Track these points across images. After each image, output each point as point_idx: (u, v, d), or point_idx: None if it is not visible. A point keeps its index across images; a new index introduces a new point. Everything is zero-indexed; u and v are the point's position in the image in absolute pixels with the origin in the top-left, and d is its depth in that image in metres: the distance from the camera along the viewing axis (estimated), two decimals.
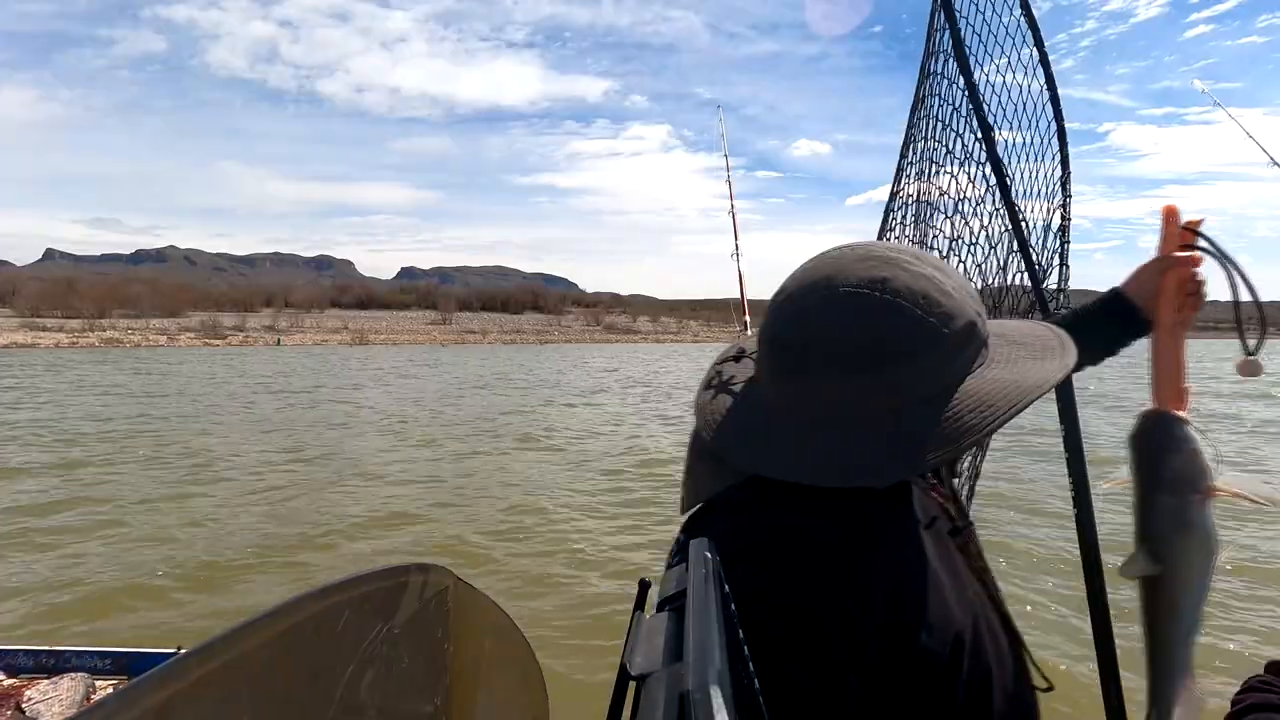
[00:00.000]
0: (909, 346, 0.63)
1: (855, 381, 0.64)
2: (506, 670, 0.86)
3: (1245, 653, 4.02)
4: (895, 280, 0.64)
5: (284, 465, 9.14)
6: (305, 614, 0.60)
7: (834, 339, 0.64)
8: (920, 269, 0.66)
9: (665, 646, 0.36)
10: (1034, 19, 1.43)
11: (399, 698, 0.72)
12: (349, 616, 0.67)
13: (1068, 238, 1.43)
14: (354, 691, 0.64)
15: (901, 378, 0.64)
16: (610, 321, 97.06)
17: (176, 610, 4.61)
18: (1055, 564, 5.39)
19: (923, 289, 0.64)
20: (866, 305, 0.64)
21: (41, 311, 67.27)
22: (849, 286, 0.65)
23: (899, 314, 0.63)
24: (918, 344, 0.63)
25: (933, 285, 0.65)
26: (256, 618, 0.51)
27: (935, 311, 0.64)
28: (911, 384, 0.64)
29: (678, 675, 0.32)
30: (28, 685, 2.34)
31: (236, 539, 6.07)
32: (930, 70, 1.56)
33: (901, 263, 0.66)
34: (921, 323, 0.63)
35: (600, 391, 20.06)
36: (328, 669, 0.62)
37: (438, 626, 0.76)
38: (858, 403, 0.65)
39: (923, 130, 1.66)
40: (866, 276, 0.65)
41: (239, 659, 0.50)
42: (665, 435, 12.27)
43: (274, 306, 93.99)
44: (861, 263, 0.66)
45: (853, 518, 0.66)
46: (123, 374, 22.79)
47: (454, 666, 0.78)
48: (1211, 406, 15.18)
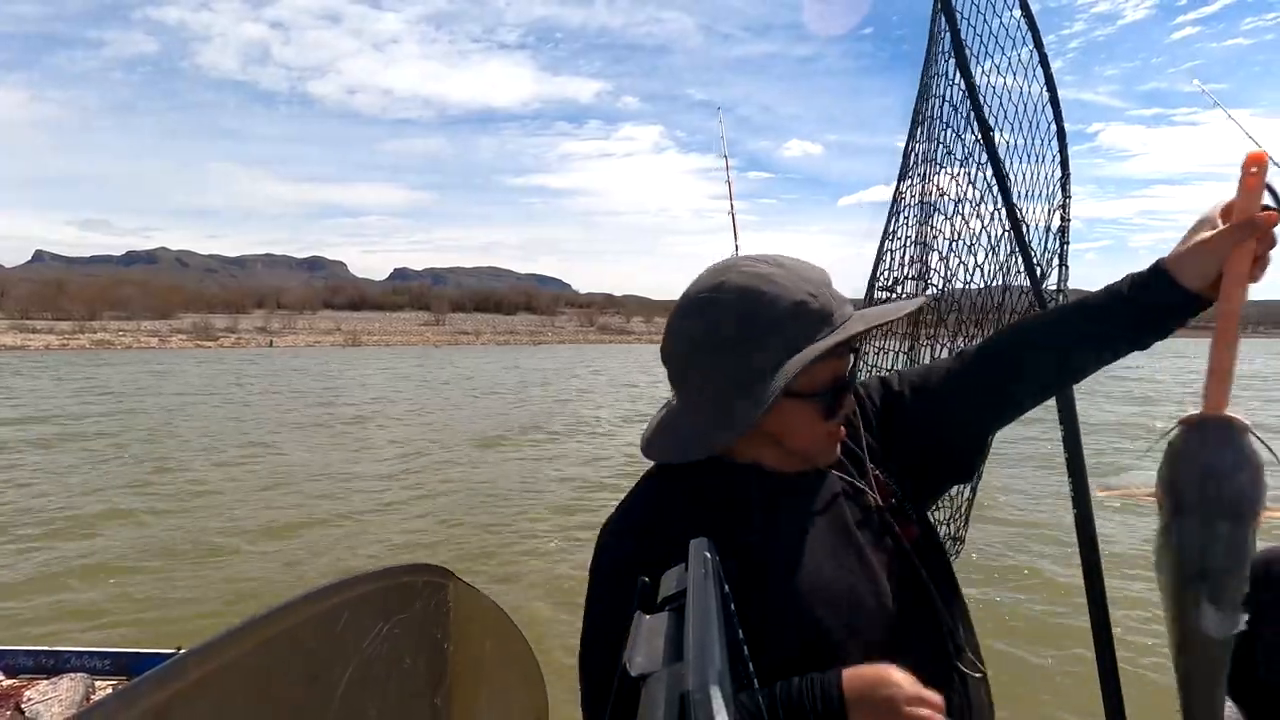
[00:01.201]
0: (733, 331, 0.77)
1: (699, 368, 0.80)
2: (506, 670, 0.86)
3: None
4: (729, 281, 0.78)
5: (279, 466, 9.14)
6: (305, 614, 0.60)
7: (682, 338, 0.80)
8: (755, 269, 0.79)
9: (665, 646, 0.36)
10: (1034, 20, 1.43)
11: (399, 698, 0.72)
12: (349, 617, 0.67)
13: (1067, 238, 1.43)
14: (354, 691, 0.64)
15: (727, 360, 0.77)
16: (604, 322, 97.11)
17: (174, 611, 4.61)
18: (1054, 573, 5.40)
19: (749, 284, 0.77)
20: (699, 306, 0.79)
21: (31, 313, 66.82)
22: (691, 293, 0.81)
23: (718, 307, 0.78)
24: (743, 328, 0.76)
25: (761, 279, 0.77)
26: (256, 618, 0.51)
27: (761, 300, 0.77)
28: (736, 364, 0.77)
29: (678, 675, 0.32)
30: (27, 686, 2.34)
31: (234, 540, 6.07)
32: (932, 70, 1.56)
33: (740, 266, 0.80)
34: (739, 312, 0.77)
35: (590, 392, 20.05)
36: (328, 669, 0.62)
37: (438, 626, 0.77)
38: (700, 387, 0.80)
39: (925, 130, 1.66)
40: (709, 283, 0.80)
41: (239, 659, 0.50)
42: None
43: (266, 308, 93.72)
44: (709, 274, 0.82)
45: (703, 488, 0.81)
46: (118, 374, 22.78)
47: (454, 666, 0.78)
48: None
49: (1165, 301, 0.78)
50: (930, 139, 1.62)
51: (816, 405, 0.80)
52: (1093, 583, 1.24)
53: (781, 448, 0.82)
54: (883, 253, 1.84)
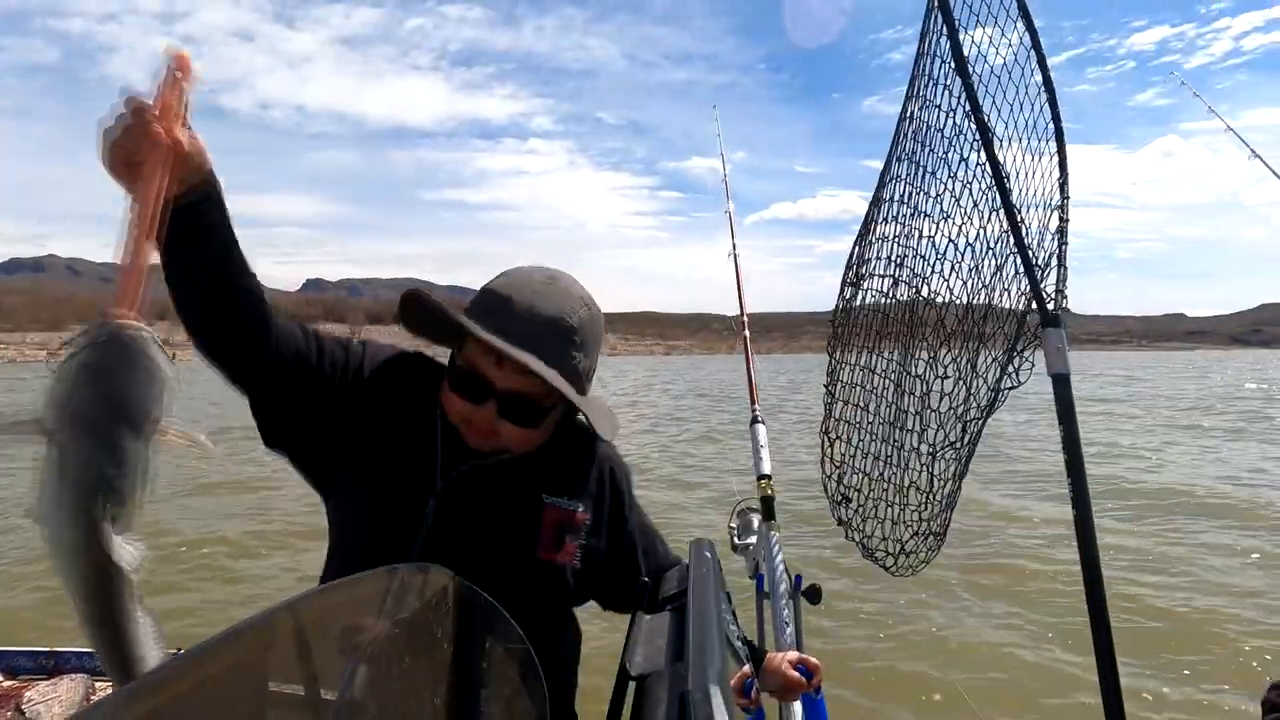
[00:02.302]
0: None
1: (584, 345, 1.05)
2: (506, 670, 0.86)
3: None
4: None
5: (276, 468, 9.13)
6: (305, 615, 0.60)
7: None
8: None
9: (666, 646, 0.36)
10: (1031, 21, 1.43)
11: (399, 698, 0.72)
12: (348, 617, 0.67)
13: (1065, 239, 1.43)
14: (353, 692, 0.64)
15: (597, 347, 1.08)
16: None
17: (172, 611, 4.60)
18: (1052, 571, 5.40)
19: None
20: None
21: None
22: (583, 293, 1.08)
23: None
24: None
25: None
26: (255, 619, 0.51)
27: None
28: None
29: (678, 675, 0.32)
30: (27, 686, 2.34)
31: (232, 540, 6.06)
32: (923, 73, 1.56)
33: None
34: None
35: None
36: (327, 670, 0.62)
37: (437, 626, 0.77)
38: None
39: (910, 133, 1.66)
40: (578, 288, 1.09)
41: (238, 660, 0.51)
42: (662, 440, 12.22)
43: (169, 319, 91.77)
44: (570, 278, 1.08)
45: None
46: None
47: (454, 666, 0.78)
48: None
49: None
50: (920, 142, 1.61)
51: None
52: (1092, 584, 1.24)
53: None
54: (854, 253, 1.85)
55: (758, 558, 1.99)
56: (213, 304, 0.92)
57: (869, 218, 1.82)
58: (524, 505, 1.05)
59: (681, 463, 10.68)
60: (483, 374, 0.99)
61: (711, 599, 0.37)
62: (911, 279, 1.68)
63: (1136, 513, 6.96)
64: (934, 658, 4.03)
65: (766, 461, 2.17)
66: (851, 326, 1.87)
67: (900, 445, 1.75)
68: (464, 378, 1.01)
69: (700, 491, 8.44)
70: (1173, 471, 9.38)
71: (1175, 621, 4.46)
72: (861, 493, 1.83)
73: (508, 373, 0.97)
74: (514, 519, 1.04)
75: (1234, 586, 4.98)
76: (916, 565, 1.78)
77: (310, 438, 1.04)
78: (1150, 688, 3.63)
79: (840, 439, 1.87)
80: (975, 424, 1.61)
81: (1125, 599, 4.59)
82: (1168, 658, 3.97)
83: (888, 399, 1.80)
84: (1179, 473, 9.26)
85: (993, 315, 1.52)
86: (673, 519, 6.90)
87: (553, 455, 1.09)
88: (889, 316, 1.77)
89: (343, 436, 1.04)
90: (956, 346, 1.61)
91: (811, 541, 5.73)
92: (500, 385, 0.98)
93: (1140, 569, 5.27)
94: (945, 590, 4.86)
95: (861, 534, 1.83)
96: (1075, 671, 3.70)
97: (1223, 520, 6.73)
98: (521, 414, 1.00)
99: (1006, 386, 1.51)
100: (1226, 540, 6.07)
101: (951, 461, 1.68)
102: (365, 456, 1.03)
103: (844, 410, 1.86)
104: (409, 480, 1.01)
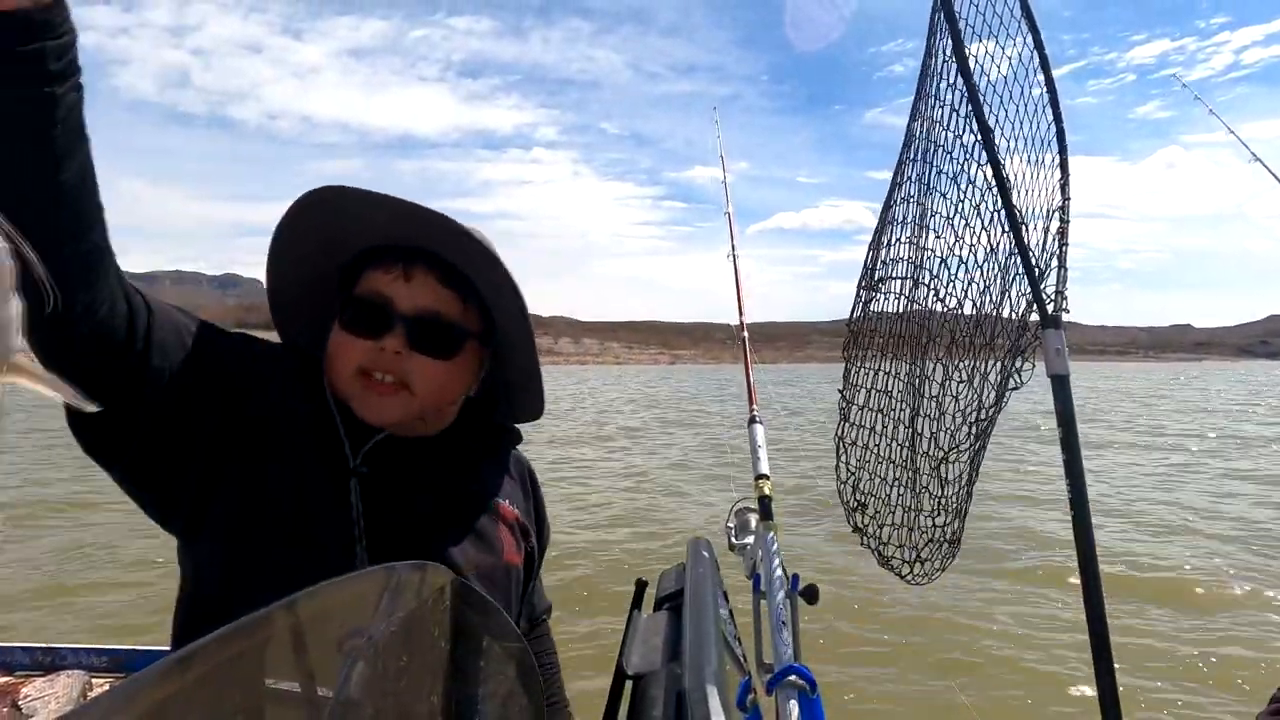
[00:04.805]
0: None
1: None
2: (505, 670, 0.86)
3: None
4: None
5: None
6: (304, 613, 0.60)
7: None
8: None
9: (663, 645, 0.36)
10: (1034, 20, 1.43)
11: (397, 698, 0.72)
12: (347, 615, 0.67)
13: (1066, 240, 1.43)
14: (350, 692, 0.64)
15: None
16: None
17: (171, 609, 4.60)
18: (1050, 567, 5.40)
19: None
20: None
21: None
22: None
23: None
24: None
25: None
26: (255, 616, 0.51)
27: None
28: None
29: (675, 674, 0.32)
30: (24, 683, 2.33)
31: None
32: (930, 71, 1.56)
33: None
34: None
35: (575, 410, 19.97)
36: (324, 669, 0.62)
37: (435, 626, 0.76)
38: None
39: (921, 131, 1.66)
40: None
41: (236, 658, 0.50)
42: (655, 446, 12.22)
43: None
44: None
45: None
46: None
47: (452, 667, 0.78)
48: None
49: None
50: (933, 143, 1.61)
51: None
52: (1091, 588, 1.24)
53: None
54: (870, 257, 1.85)
55: (755, 557, 1.98)
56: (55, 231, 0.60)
57: (881, 222, 1.82)
58: (456, 494, 0.94)
59: (681, 462, 10.67)
60: (387, 298, 0.87)
61: (709, 598, 0.36)
62: (929, 280, 1.68)
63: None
64: (934, 657, 4.03)
65: (764, 461, 2.17)
66: (869, 331, 1.86)
67: (914, 450, 1.75)
68: (363, 307, 0.88)
69: (704, 485, 8.45)
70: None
71: (1175, 624, 4.46)
72: (877, 499, 1.83)
73: (415, 289, 0.87)
74: (448, 505, 0.93)
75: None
76: (932, 573, 1.77)
77: (180, 446, 0.82)
78: (1150, 688, 3.64)
79: (856, 444, 1.86)
80: (982, 424, 1.61)
81: (1123, 600, 4.59)
82: (1167, 662, 3.97)
83: (902, 403, 1.79)
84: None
85: (999, 318, 1.52)
86: (673, 519, 6.90)
87: (469, 447, 0.99)
88: (905, 318, 1.77)
89: (226, 439, 0.83)
90: (964, 350, 1.61)
91: (812, 542, 5.72)
92: (407, 306, 0.87)
93: (1139, 569, 5.26)
94: (946, 590, 4.86)
95: (878, 540, 1.83)
96: (1075, 672, 3.70)
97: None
98: (434, 340, 0.88)
99: (1010, 387, 1.51)
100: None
101: (964, 466, 1.68)
102: (254, 454, 0.84)
103: (860, 415, 1.85)
104: (318, 466, 0.85)
